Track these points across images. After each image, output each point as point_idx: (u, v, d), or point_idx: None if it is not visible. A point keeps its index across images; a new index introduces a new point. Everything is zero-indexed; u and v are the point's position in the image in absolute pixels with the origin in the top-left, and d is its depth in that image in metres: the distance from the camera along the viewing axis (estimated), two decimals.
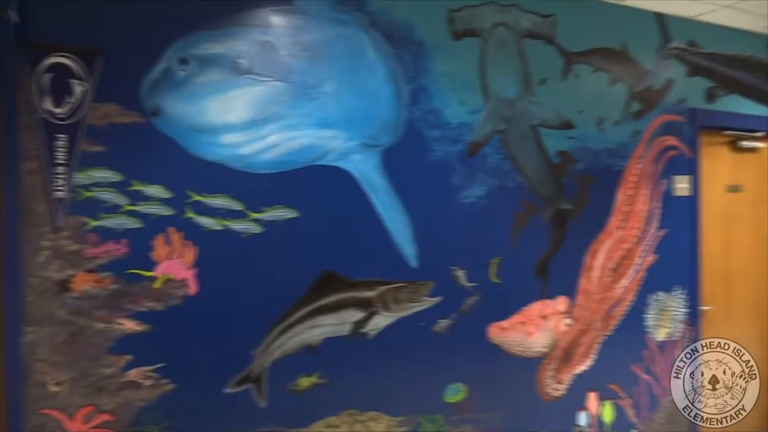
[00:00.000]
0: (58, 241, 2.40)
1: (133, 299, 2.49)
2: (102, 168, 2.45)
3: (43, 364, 2.40)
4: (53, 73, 2.39)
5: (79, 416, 2.45)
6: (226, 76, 2.59)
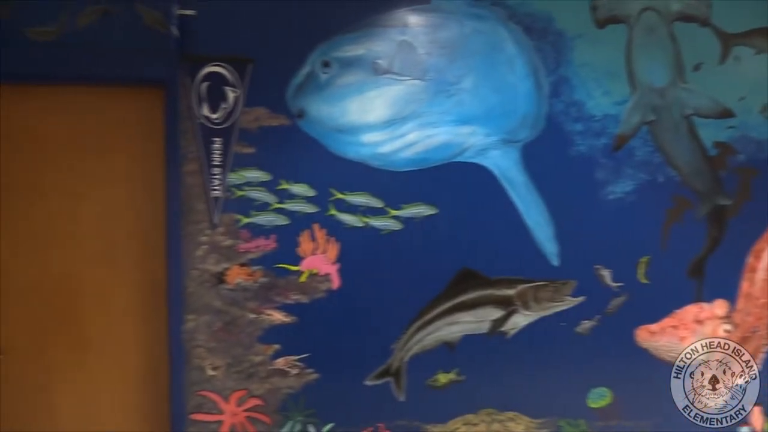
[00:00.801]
0: (214, 237, 2.54)
1: (281, 292, 2.58)
2: (253, 168, 2.56)
3: (201, 349, 2.55)
4: (209, 82, 2.53)
5: (233, 399, 2.59)
6: (365, 77, 2.61)
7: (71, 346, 2.65)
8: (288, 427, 2.62)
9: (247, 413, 2.62)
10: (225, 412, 2.61)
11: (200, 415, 2.59)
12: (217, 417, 2.60)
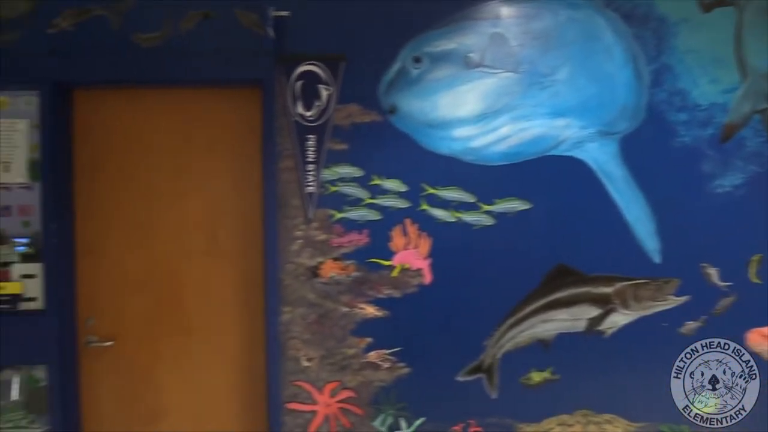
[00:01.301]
0: (309, 232, 2.59)
1: (374, 286, 2.59)
2: (346, 164, 2.59)
3: (296, 341, 2.61)
4: (304, 80, 2.58)
5: (327, 390, 2.64)
6: (457, 71, 2.59)
7: (176, 333, 2.78)
8: (380, 420, 2.64)
9: (340, 404, 2.66)
10: (319, 403, 2.66)
11: (295, 404, 2.65)
12: (311, 407, 2.65)
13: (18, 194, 2.72)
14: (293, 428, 2.68)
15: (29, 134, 2.69)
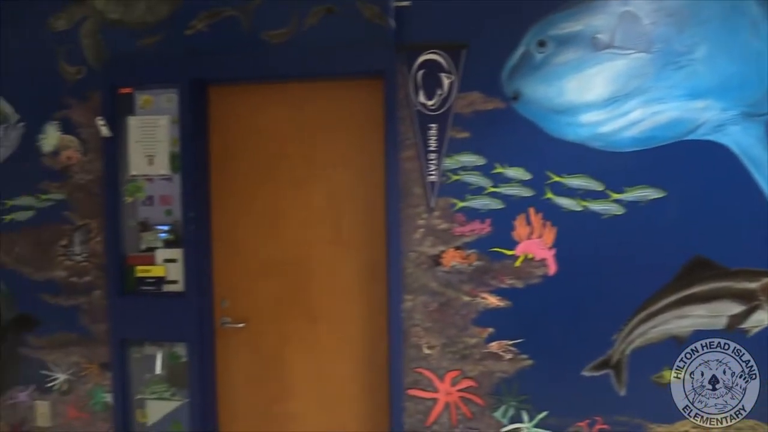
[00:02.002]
0: (431, 220, 2.62)
1: (496, 276, 2.58)
2: (468, 153, 2.58)
3: (418, 328, 2.65)
4: (425, 69, 2.59)
5: (448, 378, 2.65)
6: (584, 54, 2.50)
7: (303, 318, 2.91)
8: (501, 412, 2.62)
9: (460, 393, 2.67)
10: (439, 391, 2.68)
11: (416, 390, 2.69)
12: (432, 394, 2.68)
13: (159, 185, 2.95)
14: (414, 414, 2.72)
15: (170, 129, 2.90)
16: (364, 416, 2.88)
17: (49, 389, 3.13)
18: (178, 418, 3.00)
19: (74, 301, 3.05)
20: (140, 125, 2.92)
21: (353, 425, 2.89)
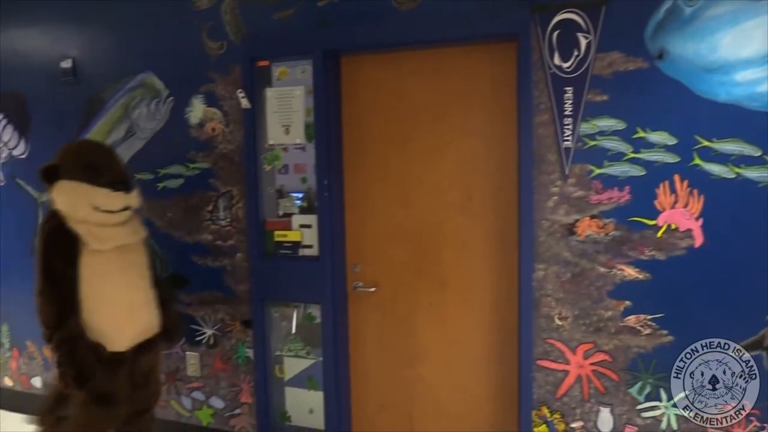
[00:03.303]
0: (565, 188, 2.58)
1: (635, 247, 2.51)
2: (606, 117, 2.51)
3: (549, 299, 2.65)
4: (561, 30, 2.53)
5: (580, 351, 2.64)
6: (741, 5, 2.34)
7: (433, 284, 3.00)
8: (637, 388, 2.58)
9: (593, 367, 2.65)
10: (571, 363, 2.67)
11: (546, 362, 2.70)
12: (563, 366, 2.68)
13: (294, 154, 3.14)
14: (543, 385, 2.73)
15: (305, 99, 3.06)
16: (492, 383, 2.93)
17: (198, 342, 3.48)
18: (312, 376, 3.23)
19: (219, 263, 3.35)
20: (277, 96, 3.11)
21: (481, 392, 2.96)
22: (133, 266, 2.48)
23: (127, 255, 2.46)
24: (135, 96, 3.43)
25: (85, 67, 3.60)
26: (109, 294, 2.37)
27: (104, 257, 2.35)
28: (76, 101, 3.63)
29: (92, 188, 2.32)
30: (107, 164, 2.42)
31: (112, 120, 3.52)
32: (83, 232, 2.30)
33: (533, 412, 2.75)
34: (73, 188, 2.31)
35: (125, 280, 2.44)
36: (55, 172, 2.32)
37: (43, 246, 2.30)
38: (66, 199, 2.31)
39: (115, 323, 2.39)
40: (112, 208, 2.36)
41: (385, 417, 3.17)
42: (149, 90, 3.39)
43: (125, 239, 2.43)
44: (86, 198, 2.30)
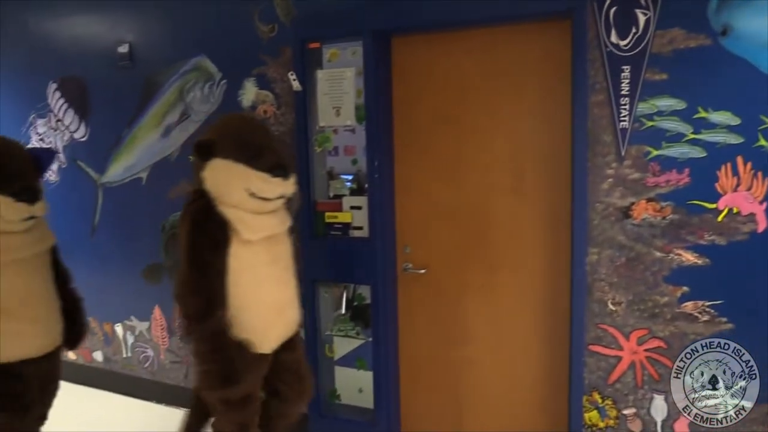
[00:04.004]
0: (620, 170, 2.54)
1: (693, 231, 2.45)
2: (665, 96, 2.45)
3: (602, 283, 2.62)
4: (618, 6, 2.48)
5: (633, 337, 2.61)
6: None
7: (483, 267, 3.01)
8: (693, 377, 2.52)
9: (647, 354, 2.61)
10: (624, 349, 2.65)
11: (599, 347, 2.68)
12: (616, 352, 2.66)
13: (344, 136, 3.18)
14: (595, 371, 2.71)
15: (355, 81, 3.09)
16: (542, 368, 2.93)
17: None
18: (362, 356, 3.29)
19: None
20: (328, 78, 3.14)
21: (530, 376, 2.96)
22: (280, 259, 2.26)
23: (275, 246, 2.23)
24: (189, 79, 3.52)
25: (141, 52, 3.71)
26: (258, 290, 2.15)
27: (253, 248, 2.11)
28: (133, 85, 3.74)
29: (250, 171, 2.06)
30: (267, 145, 2.14)
31: (167, 103, 3.63)
32: (234, 218, 2.05)
33: (584, 397, 2.74)
34: (228, 169, 2.05)
35: (274, 275, 2.22)
36: (211, 149, 2.06)
37: (190, 229, 2.03)
38: (220, 181, 2.05)
39: (264, 322, 2.19)
40: (268, 195, 2.11)
41: (434, 398, 3.21)
42: (203, 73, 3.47)
43: (275, 229, 2.20)
44: (242, 181, 2.05)
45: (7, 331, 2.18)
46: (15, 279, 2.22)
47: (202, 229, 2.03)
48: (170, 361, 3.88)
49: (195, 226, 2.03)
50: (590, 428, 2.75)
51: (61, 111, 4.10)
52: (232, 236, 2.06)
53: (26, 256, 2.27)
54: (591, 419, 2.75)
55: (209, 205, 2.05)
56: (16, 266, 2.23)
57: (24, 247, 2.27)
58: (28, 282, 2.29)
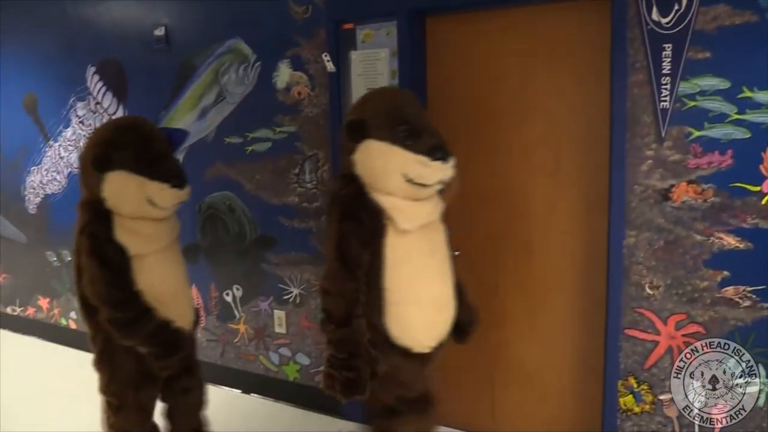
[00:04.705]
0: (660, 151, 2.50)
1: (736, 214, 2.40)
2: (708, 75, 2.40)
3: (640, 266, 2.59)
4: None
5: (671, 322, 2.58)
6: None
7: (518, 248, 3.00)
8: (732, 363, 2.49)
9: (685, 339, 2.57)
10: (661, 333, 2.62)
11: (635, 331, 2.65)
12: (653, 337, 2.63)
13: None
14: (631, 355, 2.69)
15: (389, 62, 3.08)
16: (577, 351, 2.92)
17: (285, 301, 3.64)
18: None
19: (305, 224, 3.48)
20: (362, 59, 3.14)
21: (564, 358, 2.95)
22: (438, 250, 2.05)
23: (432, 235, 2.03)
24: (224, 61, 3.56)
25: (177, 35, 3.76)
26: (416, 284, 1.95)
27: (409, 239, 1.91)
28: (169, 67, 3.80)
29: (408, 154, 1.83)
30: (425, 124, 1.93)
31: (203, 85, 3.68)
32: (389, 206, 1.86)
33: (619, 381, 2.72)
34: (383, 151, 1.84)
35: (432, 268, 2.01)
36: (364, 129, 1.85)
37: (340, 218, 1.85)
38: (375, 164, 1.85)
39: (424, 319, 2.00)
40: (427, 181, 1.88)
41: (467, 379, 3.23)
42: (238, 55, 3.51)
43: (430, 216, 1.99)
44: (399, 165, 1.83)
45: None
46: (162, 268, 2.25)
47: (353, 219, 1.84)
48: (206, 339, 3.97)
49: (346, 215, 1.85)
50: (625, 413, 2.74)
51: (100, 94, 4.19)
52: (388, 226, 1.88)
53: (168, 244, 2.30)
54: (626, 404, 2.73)
55: (361, 192, 1.87)
56: (162, 255, 2.26)
57: (167, 233, 2.30)
58: (174, 270, 2.34)
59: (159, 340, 2.16)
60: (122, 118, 2.23)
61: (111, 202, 2.13)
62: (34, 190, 4.77)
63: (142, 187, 2.13)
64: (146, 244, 2.18)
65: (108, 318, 2.10)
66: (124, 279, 2.10)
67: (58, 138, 4.54)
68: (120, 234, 2.12)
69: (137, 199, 2.13)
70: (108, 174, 2.11)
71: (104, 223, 2.10)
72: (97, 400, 2.52)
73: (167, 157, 2.24)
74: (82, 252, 2.10)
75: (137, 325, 2.12)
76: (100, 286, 2.07)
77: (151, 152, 2.16)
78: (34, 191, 4.78)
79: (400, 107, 1.91)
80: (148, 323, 2.14)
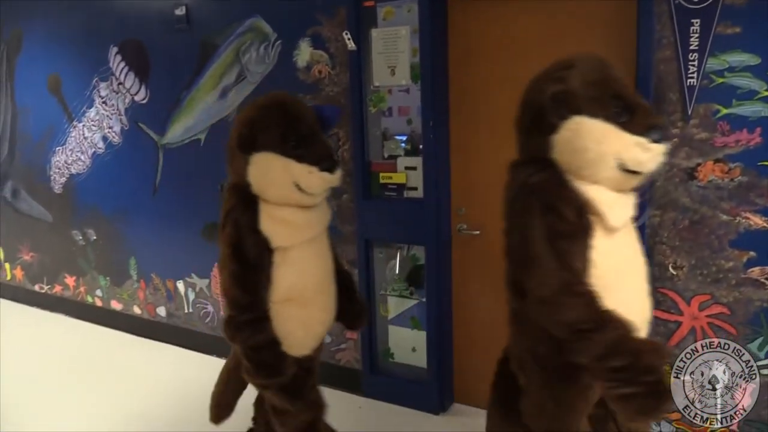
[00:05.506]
0: (687, 129, 2.46)
1: (763, 193, 2.37)
2: (738, 51, 2.35)
3: (664, 246, 2.56)
4: None
5: (695, 302, 2.55)
6: None
7: None
8: (757, 344, 2.46)
9: (709, 320, 2.55)
10: (684, 314, 2.59)
11: (658, 311, 2.63)
12: (676, 317, 2.61)
13: (398, 96, 3.16)
14: (653, 335, 2.65)
15: (410, 40, 3.05)
16: None
17: None
18: (415, 315, 3.33)
19: None
20: (382, 37, 3.12)
21: None
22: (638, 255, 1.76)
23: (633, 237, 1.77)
24: (245, 40, 3.56)
25: (197, 14, 3.76)
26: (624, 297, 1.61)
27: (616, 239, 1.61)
28: (190, 47, 3.81)
29: (625, 135, 1.52)
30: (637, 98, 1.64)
31: (224, 64, 3.69)
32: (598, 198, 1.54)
33: None
34: (599, 132, 1.52)
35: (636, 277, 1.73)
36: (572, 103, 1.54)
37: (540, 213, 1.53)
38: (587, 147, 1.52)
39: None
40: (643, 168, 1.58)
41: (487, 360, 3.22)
42: (258, 34, 3.50)
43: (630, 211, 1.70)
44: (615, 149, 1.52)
45: (306, 321, 2.04)
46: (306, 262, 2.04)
47: (555, 214, 1.49)
48: None
49: (544, 209, 1.49)
50: None
51: (122, 74, 4.22)
52: (594, 222, 1.53)
53: (317, 234, 2.07)
54: None
55: (561, 180, 1.53)
56: (309, 247, 2.04)
57: (317, 223, 2.07)
58: (319, 265, 2.09)
59: (257, 358, 1.95)
60: (269, 96, 2.03)
61: (257, 186, 1.95)
62: (59, 170, 4.84)
63: (288, 169, 1.90)
64: (293, 234, 1.96)
65: (225, 311, 2.01)
66: (253, 279, 1.93)
67: (82, 118, 4.59)
68: (265, 223, 1.93)
69: (283, 183, 1.92)
70: (253, 156, 1.93)
71: (249, 209, 1.93)
72: (120, 374, 2.54)
73: (316, 138, 1.98)
74: (220, 238, 1.97)
75: (245, 332, 1.94)
76: (228, 279, 1.95)
77: (298, 132, 1.93)
78: (59, 171, 4.85)
79: (612, 78, 1.59)
80: (257, 334, 1.94)
